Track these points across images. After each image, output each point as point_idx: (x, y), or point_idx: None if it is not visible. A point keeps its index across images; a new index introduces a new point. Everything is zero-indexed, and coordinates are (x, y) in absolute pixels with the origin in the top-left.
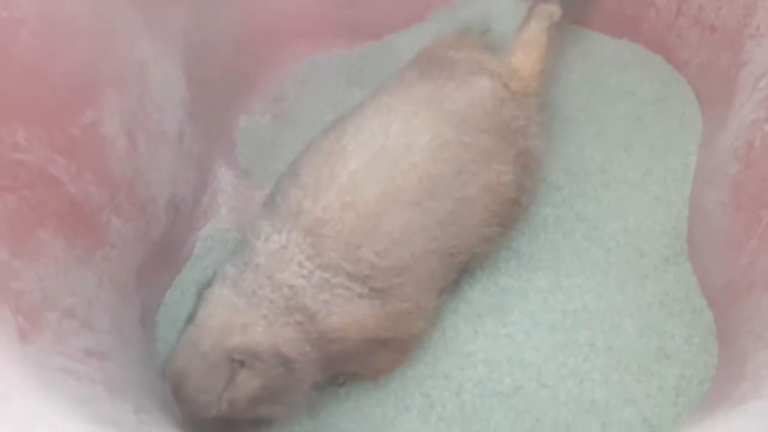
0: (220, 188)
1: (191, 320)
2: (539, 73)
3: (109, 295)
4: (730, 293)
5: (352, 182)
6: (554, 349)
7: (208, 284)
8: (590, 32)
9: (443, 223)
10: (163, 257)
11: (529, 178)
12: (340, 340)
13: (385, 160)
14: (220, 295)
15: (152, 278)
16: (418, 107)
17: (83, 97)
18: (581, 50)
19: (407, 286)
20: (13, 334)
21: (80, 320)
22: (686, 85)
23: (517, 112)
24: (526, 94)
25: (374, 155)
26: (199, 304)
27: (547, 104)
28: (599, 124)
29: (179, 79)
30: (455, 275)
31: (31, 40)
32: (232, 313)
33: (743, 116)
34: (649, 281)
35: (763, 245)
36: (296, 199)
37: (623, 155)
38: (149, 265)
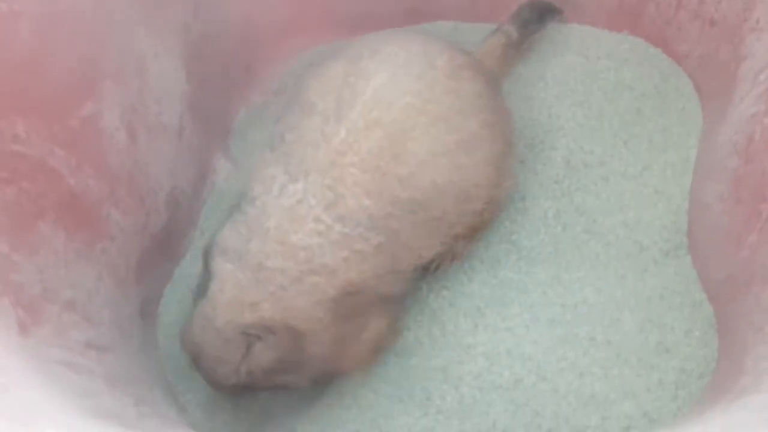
0: (219, 181)
1: (203, 293)
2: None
3: (108, 287)
4: (730, 287)
5: (377, 97)
6: (554, 342)
7: (210, 252)
8: (588, 26)
9: (468, 144)
10: (162, 250)
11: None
12: (357, 292)
13: (409, 73)
14: (224, 269)
15: (152, 271)
16: (430, 40)
17: (83, 89)
18: (580, 44)
19: (418, 227)
20: (12, 326)
21: (80, 313)
22: (686, 78)
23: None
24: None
25: (397, 70)
26: (206, 275)
27: (545, 99)
28: (599, 117)
29: (179, 72)
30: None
31: (30, 32)
32: (239, 290)
33: (743, 110)
34: (648, 275)
35: (762, 239)
36: (315, 127)
37: (623, 149)
38: (149, 257)
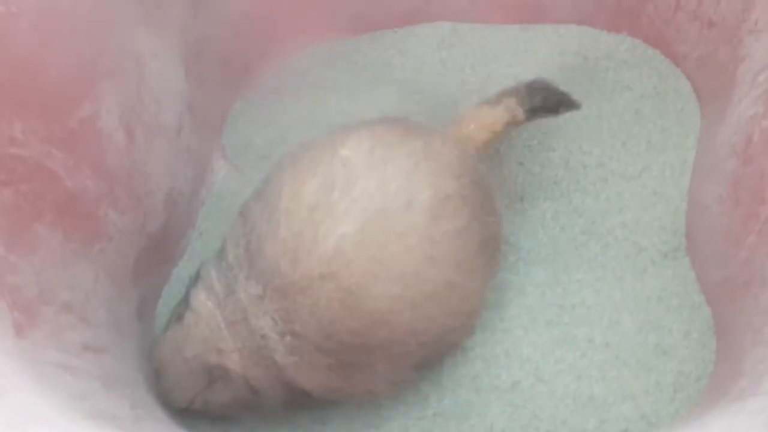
0: (217, 182)
1: (179, 318)
2: (485, 143)
3: (106, 288)
4: (728, 288)
5: (338, 250)
6: (552, 344)
7: (194, 281)
8: (587, 27)
9: (439, 295)
10: (160, 251)
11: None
12: (306, 391)
13: (380, 224)
14: (205, 306)
15: (150, 272)
16: (419, 160)
17: (80, 90)
18: (579, 45)
19: (379, 363)
20: (8, 328)
21: (77, 314)
22: (684, 79)
23: (480, 165)
24: (477, 151)
25: (368, 219)
26: (186, 302)
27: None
28: (597, 118)
29: (178, 72)
30: (445, 350)
31: (28, 33)
32: (213, 332)
33: (741, 111)
34: (647, 276)
35: (761, 240)
36: (274, 255)
37: (621, 150)
38: (147, 258)
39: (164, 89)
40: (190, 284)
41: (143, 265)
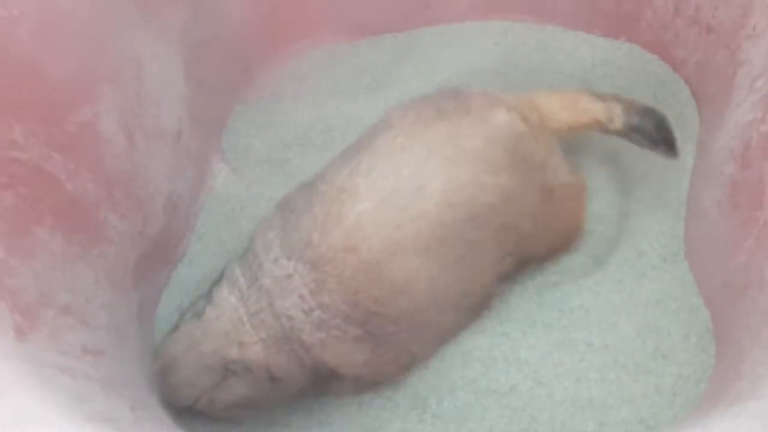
0: (217, 185)
1: (197, 314)
2: (560, 126)
3: (105, 291)
4: (726, 292)
5: (357, 225)
6: (551, 347)
7: (217, 280)
8: (585, 33)
9: (452, 268)
10: (160, 254)
11: (554, 214)
12: (330, 371)
13: (393, 204)
14: (228, 301)
15: (149, 275)
16: (433, 148)
17: (80, 94)
18: (577, 51)
19: (403, 333)
20: (9, 331)
21: (77, 317)
22: (683, 84)
23: (535, 146)
24: (543, 129)
25: (383, 199)
26: (207, 298)
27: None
28: None
29: (178, 75)
30: (464, 323)
31: (28, 37)
32: (235, 326)
33: (740, 116)
34: (646, 280)
35: (759, 245)
36: (307, 228)
37: (619, 155)
38: (146, 261)
39: (164, 93)
40: (212, 284)
41: (143, 268)
